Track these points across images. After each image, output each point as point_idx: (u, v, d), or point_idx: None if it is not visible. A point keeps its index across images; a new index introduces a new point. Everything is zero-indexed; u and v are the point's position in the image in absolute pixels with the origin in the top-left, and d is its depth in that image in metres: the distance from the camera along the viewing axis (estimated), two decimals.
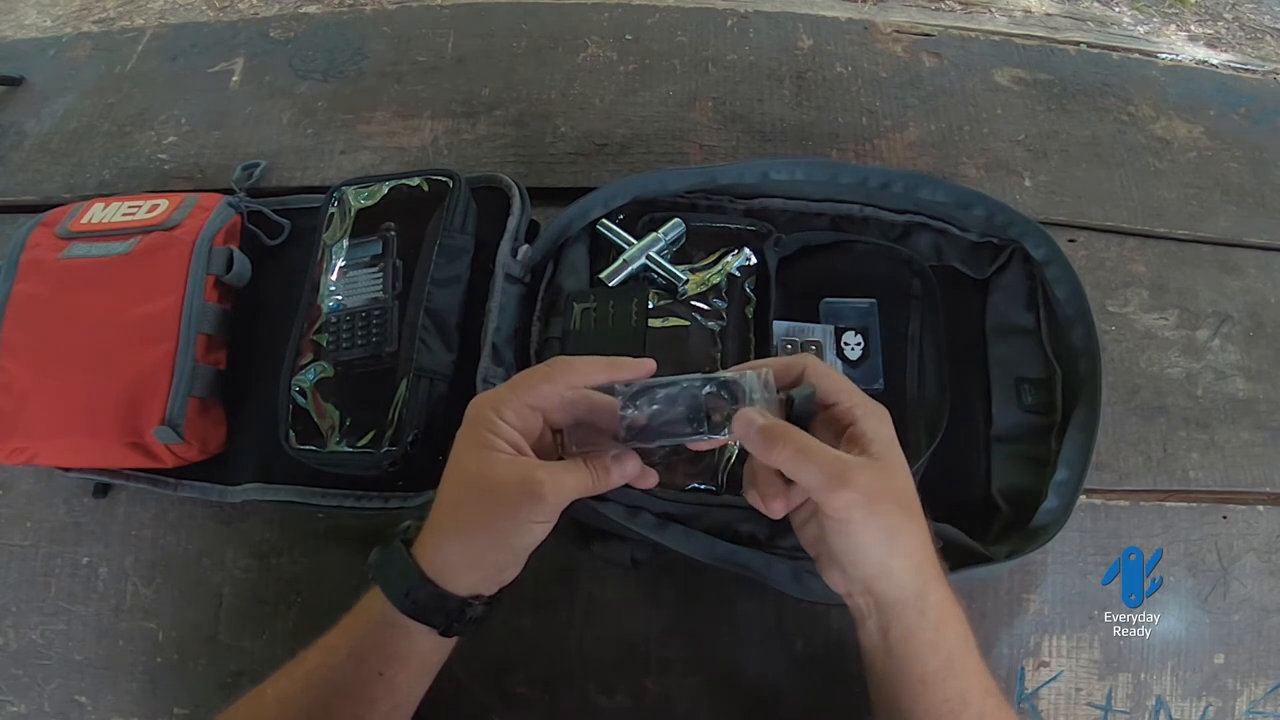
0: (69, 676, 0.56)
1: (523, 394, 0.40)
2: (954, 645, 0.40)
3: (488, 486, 0.39)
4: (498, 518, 0.39)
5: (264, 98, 0.74)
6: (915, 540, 0.39)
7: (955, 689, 0.40)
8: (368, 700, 0.40)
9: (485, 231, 0.59)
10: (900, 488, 0.39)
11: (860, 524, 0.38)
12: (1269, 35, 1.66)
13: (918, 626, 0.39)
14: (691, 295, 0.56)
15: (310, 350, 0.55)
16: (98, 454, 0.54)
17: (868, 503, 0.37)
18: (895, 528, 0.38)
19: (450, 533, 0.40)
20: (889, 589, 0.39)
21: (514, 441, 0.40)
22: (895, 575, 0.39)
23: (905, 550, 0.39)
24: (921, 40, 0.76)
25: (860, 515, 0.37)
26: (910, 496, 0.40)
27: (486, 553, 0.40)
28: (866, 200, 0.60)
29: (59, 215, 0.60)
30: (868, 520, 0.38)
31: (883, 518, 0.38)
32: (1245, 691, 0.54)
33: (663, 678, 0.53)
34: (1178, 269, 0.64)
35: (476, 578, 0.40)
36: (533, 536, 0.39)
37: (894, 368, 0.57)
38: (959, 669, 0.40)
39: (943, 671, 0.40)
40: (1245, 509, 0.57)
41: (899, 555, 0.39)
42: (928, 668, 0.39)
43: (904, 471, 0.40)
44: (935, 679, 0.39)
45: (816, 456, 0.38)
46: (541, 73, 0.73)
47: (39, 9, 1.65)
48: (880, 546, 0.38)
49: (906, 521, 0.39)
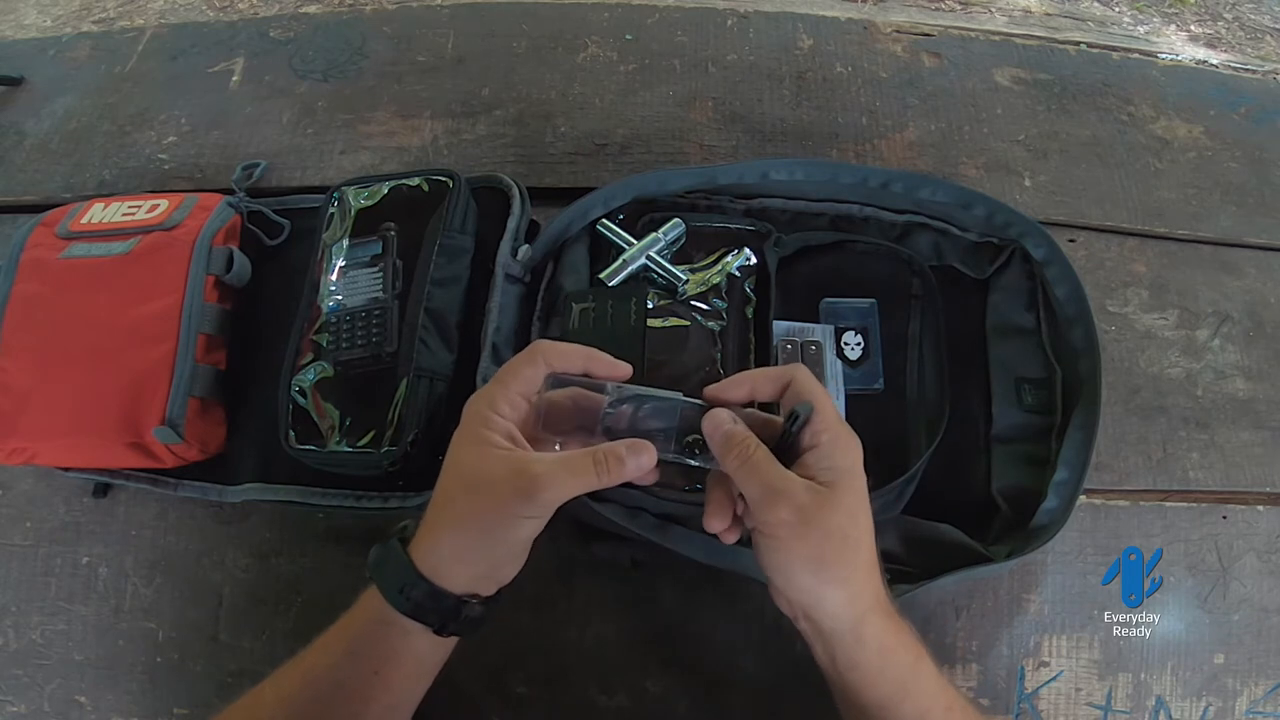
0: (69, 676, 0.56)
1: (510, 384, 0.41)
2: (902, 671, 0.40)
3: (480, 480, 0.39)
4: (489, 511, 0.38)
5: (264, 98, 0.74)
6: (848, 572, 0.38)
7: (912, 711, 0.40)
8: (363, 699, 0.40)
9: (485, 231, 0.59)
10: (840, 519, 0.38)
11: (786, 545, 0.38)
12: (1269, 35, 1.66)
13: (860, 657, 0.39)
14: (691, 295, 0.56)
15: (310, 350, 0.55)
16: (98, 454, 0.54)
17: (798, 525, 0.37)
18: (824, 557, 0.38)
19: (443, 528, 0.40)
20: (823, 619, 0.39)
21: (507, 433, 0.40)
22: (827, 605, 0.38)
23: (835, 580, 0.38)
24: (921, 40, 0.76)
25: (787, 535, 0.37)
26: (857, 528, 0.39)
27: (479, 547, 0.39)
28: (866, 200, 0.60)
29: (59, 215, 0.60)
30: (794, 543, 0.38)
31: (811, 545, 0.37)
32: (1245, 691, 0.54)
33: (663, 678, 0.53)
34: (1178, 269, 0.64)
35: (471, 574, 0.40)
36: (525, 531, 0.39)
37: (894, 368, 0.57)
38: (913, 693, 0.40)
39: (896, 697, 0.39)
40: (1245, 509, 0.57)
41: (828, 585, 0.38)
42: (878, 693, 0.39)
43: (852, 503, 0.39)
44: (889, 703, 0.39)
45: (761, 470, 0.38)
46: (541, 73, 0.73)
47: (39, 9, 1.65)
48: (807, 574, 0.38)
49: (838, 552, 0.38)
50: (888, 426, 0.56)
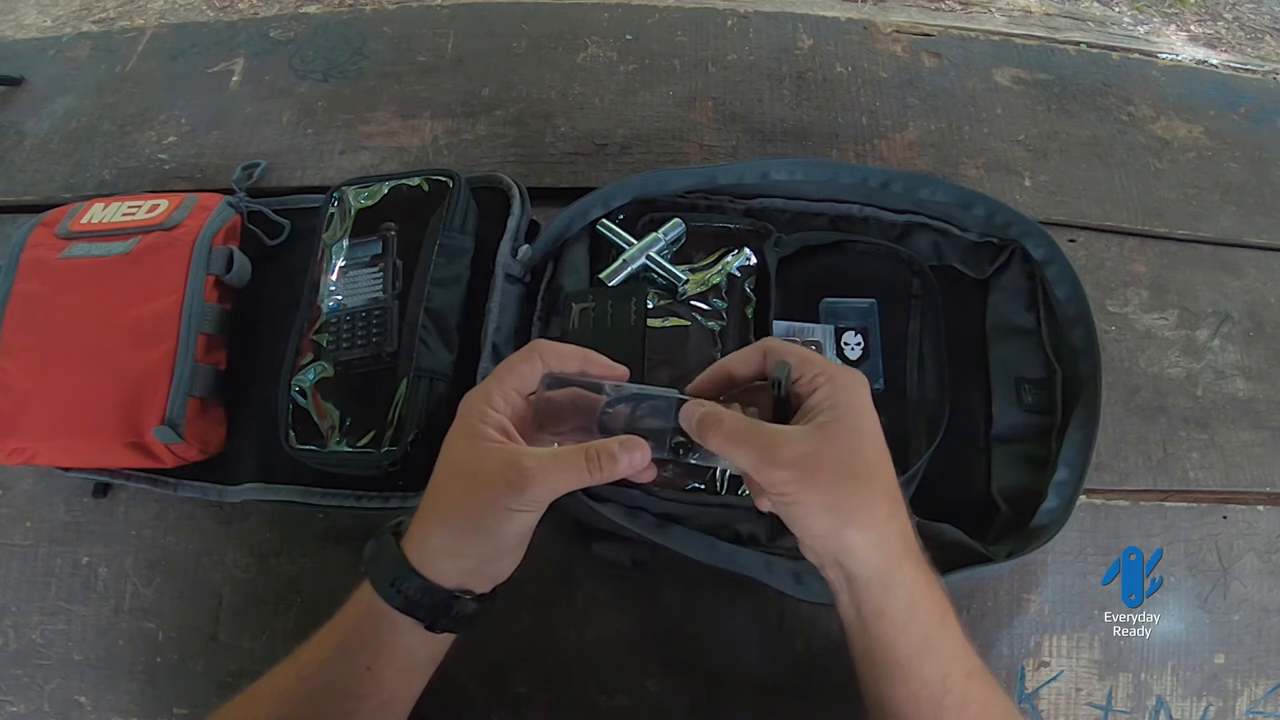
0: (69, 676, 0.56)
1: (505, 379, 0.41)
2: (928, 627, 0.38)
3: (472, 473, 0.38)
4: (479, 504, 0.38)
5: (264, 98, 0.74)
6: (866, 514, 0.36)
7: (934, 672, 0.38)
8: (356, 696, 0.40)
9: (485, 231, 0.59)
10: (847, 455, 0.36)
11: (797, 499, 0.36)
12: (1269, 35, 1.66)
13: (887, 606, 0.37)
14: (691, 295, 0.56)
15: (310, 350, 0.55)
16: (98, 454, 0.54)
17: (803, 476, 0.36)
18: (837, 502, 0.36)
19: (434, 520, 0.40)
20: (851, 564, 0.37)
21: (501, 427, 0.40)
22: (854, 550, 0.37)
23: (855, 524, 0.36)
24: (921, 40, 0.77)
25: (795, 490, 0.36)
26: (866, 464, 0.37)
27: (469, 540, 0.39)
28: (866, 200, 0.60)
29: (59, 215, 0.60)
30: (804, 494, 0.36)
31: (819, 491, 0.36)
32: (1245, 691, 0.54)
33: (663, 678, 0.53)
34: (1178, 269, 0.64)
35: (461, 568, 0.39)
36: (516, 525, 0.39)
37: (894, 368, 0.57)
38: (936, 651, 0.38)
39: (918, 655, 0.38)
40: (1245, 509, 0.57)
41: (848, 528, 0.36)
42: (900, 650, 0.38)
43: (857, 436, 0.37)
44: (910, 662, 0.38)
45: (747, 437, 0.37)
46: (541, 73, 0.73)
47: (39, 9, 1.65)
48: (825, 519, 0.37)
49: (852, 494, 0.36)
50: (888, 426, 0.55)
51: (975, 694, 0.39)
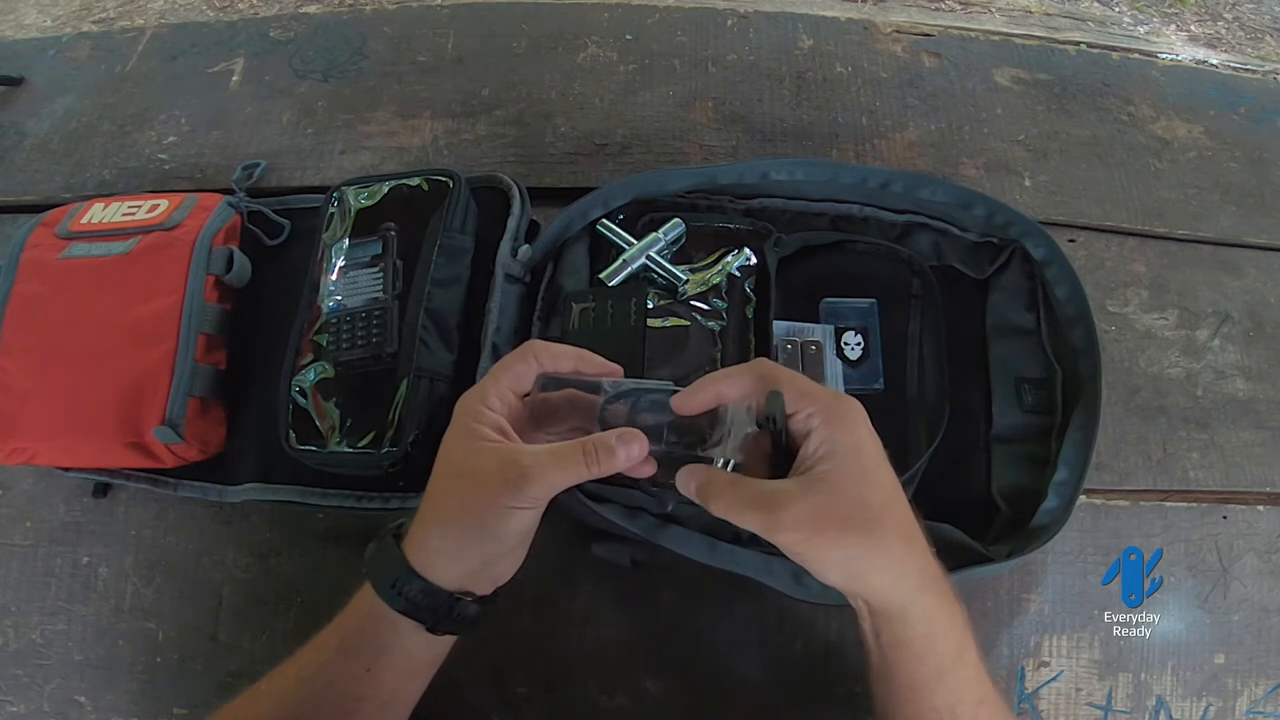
0: (69, 676, 0.56)
1: (501, 378, 0.41)
2: (944, 658, 0.38)
3: (470, 473, 0.38)
4: (478, 503, 0.38)
5: (264, 98, 0.74)
6: (886, 555, 0.36)
7: (945, 700, 0.39)
8: (355, 697, 0.40)
9: (485, 231, 0.59)
10: (851, 505, 0.36)
11: (810, 556, 0.37)
12: (1269, 35, 1.66)
13: (905, 636, 0.38)
14: (691, 295, 0.56)
15: (310, 350, 0.55)
16: (98, 454, 0.54)
17: (810, 536, 0.36)
18: (851, 551, 0.36)
19: (434, 522, 0.39)
20: (871, 599, 0.38)
21: (498, 426, 0.40)
22: (872, 590, 0.38)
23: (875, 567, 0.37)
24: (921, 40, 0.76)
25: (806, 550, 0.36)
26: (873, 508, 0.36)
27: (470, 541, 0.39)
28: (866, 200, 0.60)
29: (59, 215, 0.60)
30: (816, 552, 0.36)
31: (832, 547, 0.36)
32: (1245, 691, 0.54)
33: (663, 678, 0.53)
34: (1178, 269, 0.64)
35: (462, 569, 0.39)
36: (516, 523, 0.38)
37: (894, 368, 0.57)
38: (950, 680, 0.39)
39: (931, 682, 0.39)
40: (1245, 509, 0.57)
41: (867, 574, 0.37)
42: (915, 676, 0.39)
43: (860, 480, 0.37)
44: (923, 687, 0.39)
45: (747, 504, 0.37)
46: (541, 73, 0.73)
47: (39, 9, 1.65)
48: (839, 571, 0.37)
49: (865, 541, 0.36)
50: (888, 427, 0.55)
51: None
